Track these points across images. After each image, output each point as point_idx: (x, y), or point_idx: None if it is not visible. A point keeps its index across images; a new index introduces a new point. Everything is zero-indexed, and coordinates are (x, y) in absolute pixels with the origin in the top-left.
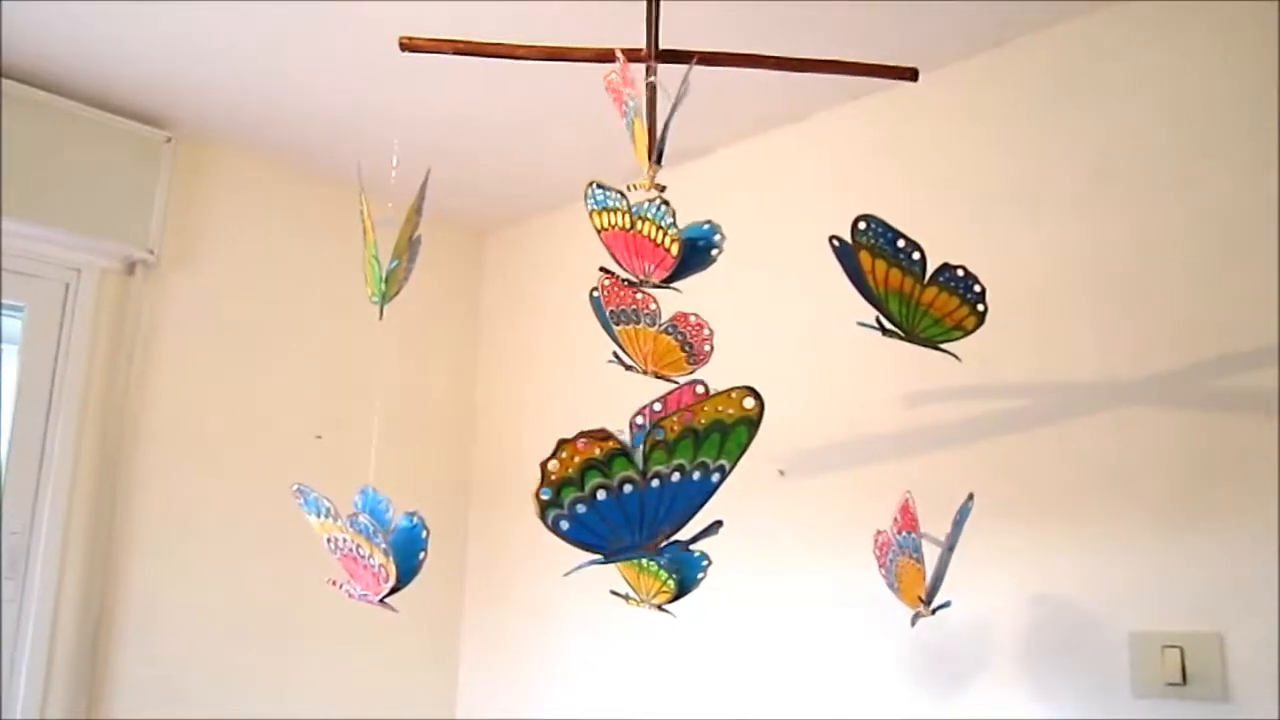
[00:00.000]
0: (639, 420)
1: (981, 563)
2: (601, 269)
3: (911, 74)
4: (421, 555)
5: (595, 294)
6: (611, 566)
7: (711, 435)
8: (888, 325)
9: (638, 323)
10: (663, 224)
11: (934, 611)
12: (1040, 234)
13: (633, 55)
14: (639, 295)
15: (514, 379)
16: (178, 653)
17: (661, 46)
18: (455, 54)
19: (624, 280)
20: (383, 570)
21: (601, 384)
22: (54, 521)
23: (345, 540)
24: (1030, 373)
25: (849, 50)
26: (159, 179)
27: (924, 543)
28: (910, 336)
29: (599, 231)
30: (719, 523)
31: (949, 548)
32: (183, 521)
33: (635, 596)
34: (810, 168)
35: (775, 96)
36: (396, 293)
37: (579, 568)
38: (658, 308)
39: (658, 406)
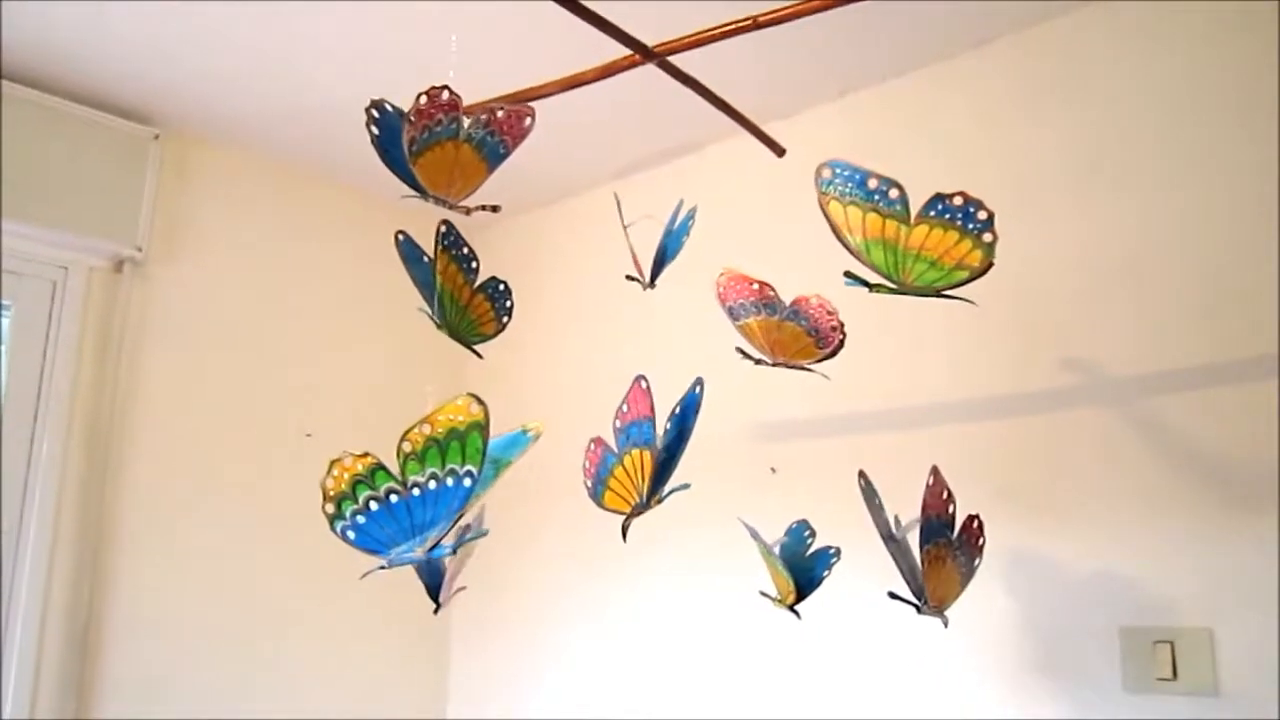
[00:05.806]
0: (617, 424)
1: None
2: (627, 276)
3: None
4: (445, 564)
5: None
6: (762, 568)
7: (451, 443)
8: (873, 280)
9: (758, 314)
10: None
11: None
12: (1031, 231)
13: (630, 61)
14: (754, 285)
15: (506, 374)
16: (168, 652)
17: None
18: (499, 103)
19: (644, 284)
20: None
21: (595, 377)
22: (43, 520)
23: None
24: (1021, 366)
25: (837, 50)
26: (147, 176)
27: (915, 532)
28: (904, 287)
29: None
30: (468, 526)
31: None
32: (171, 520)
33: (778, 598)
34: (798, 164)
35: (765, 93)
36: (497, 333)
37: (369, 573)
38: (775, 295)
39: (626, 408)
